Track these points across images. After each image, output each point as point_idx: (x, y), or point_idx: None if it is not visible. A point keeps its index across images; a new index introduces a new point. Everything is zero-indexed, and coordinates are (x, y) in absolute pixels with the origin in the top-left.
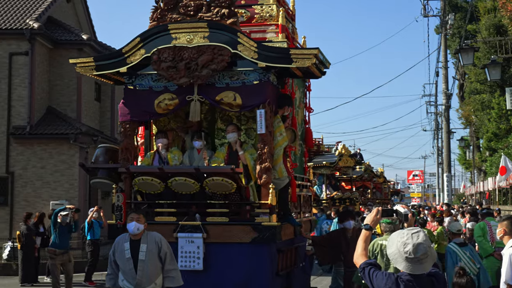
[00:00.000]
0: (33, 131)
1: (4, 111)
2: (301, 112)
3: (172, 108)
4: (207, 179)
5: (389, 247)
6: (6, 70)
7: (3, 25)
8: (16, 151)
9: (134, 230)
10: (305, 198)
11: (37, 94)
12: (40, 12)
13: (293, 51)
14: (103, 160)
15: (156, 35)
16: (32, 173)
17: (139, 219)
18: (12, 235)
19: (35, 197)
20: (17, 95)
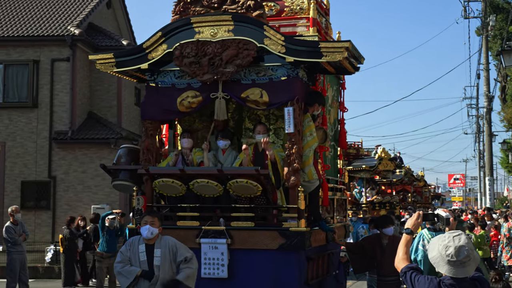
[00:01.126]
0: (74, 136)
1: (46, 116)
2: (334, 112)
3: (196, 106)
4: (230, 181)
5: (431, 251)
6: (48, 76)
7: (45, 32)
8: (58, 156)
9: (148, 234)
10: (339, 202)
11: (78, 99)
12: (81, 18)
13: (323, 44)
14: (125, 161)
15: (179, 29)
16: (74, 178)
17: (153, 223)
18: (54, 238)
19: (76, 201)
20: (59, 101)
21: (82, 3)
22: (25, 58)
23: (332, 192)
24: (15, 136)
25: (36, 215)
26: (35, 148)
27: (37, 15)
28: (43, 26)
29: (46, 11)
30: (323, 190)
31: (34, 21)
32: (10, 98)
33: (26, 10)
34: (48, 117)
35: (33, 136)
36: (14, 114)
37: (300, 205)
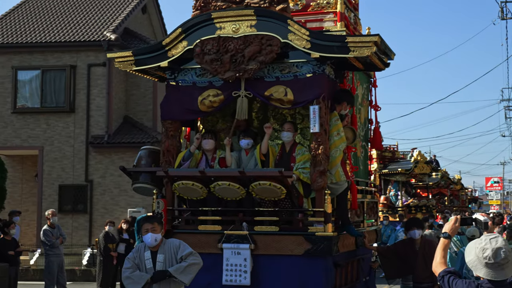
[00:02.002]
0: (110, 140)
1: (83, 121)
2: (364, 110)
3: (217, 106)
4: (253, 184)
5: (468, 255)
6: (85, 81)
7: (82, 38)
8: (95, 160)
9: (152, 242)
10: (370, 205)
11: (115, 104)
12: (117, 24)
13: (350, 38)
14: (146, 163)
15: (199, 25)
16: (110, 181)
17: (154, 229)
18: (91, 241)
19: (113, 204)
20: (96, 105)
21: (118, 8)
22: (62, 64)
23: (362, 195)
24: (52, 141)
25: (73, 218)
26: (72, 152)
27: (74, 21)
28: (79, 31)
29: (82, 16)
30: (352, 192)
31: (71, 26)
32: (48, 103)
33: (63, 16)
34: (85, 121)
35: (70, 141)
36: (51, 119)
37: (327, 208)
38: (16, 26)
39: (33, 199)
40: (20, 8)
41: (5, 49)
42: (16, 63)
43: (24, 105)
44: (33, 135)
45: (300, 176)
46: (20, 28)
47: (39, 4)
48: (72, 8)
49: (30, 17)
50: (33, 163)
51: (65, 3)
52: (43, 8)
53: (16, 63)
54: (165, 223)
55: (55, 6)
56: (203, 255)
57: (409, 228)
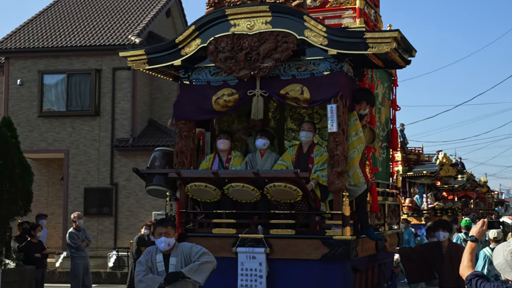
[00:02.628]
0: (135, 143)
1: (108, 124)
2: (385, 110)
3: (232, 105)
4: (267, 185)
5: (495, 258)
6: (110, 84)
7: (106, 42)
8: (120, 163)
9: (165, 246)
10: (391, 207)
11: (139, 107)
12: (141, 27)
13: (368, 34)
14: (160, 164)
15: (213, 22)
16: (135, 184)
17: (168, 233)
18: (116, 244)
19: (138, 207)
20: (120, 109)
21: (142, 12)
22: (88, 68)
23: (382, 197)
24: (78, 144)
25: (98, 221)
26: (97, 155)
27: (99, 25)
28: (104, 35)
29: (107, 21)
30: (372, 194)
31: (96, 31)
32: (73, 107)
33: (88, 20)
34: (110, 125)
35: (96, 144)
36: (77, 123)
37: (345, 211)
38: (42, 31)
39: (59, 202)
40: (46, 13)
41: (31, 54)
42: (42, 67)
43: (50, 109)
44: (59, 139)
45: (319, 180)
46: (46, 32)
47: (64, 9)
48: (97, 12)
49: (55, 22)
50: (59, 166)
51: (90, 8)
52: (68, 13)
53: (42, 67)
54: (178, 226)
55: (80, 11)
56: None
57: (435, 229)
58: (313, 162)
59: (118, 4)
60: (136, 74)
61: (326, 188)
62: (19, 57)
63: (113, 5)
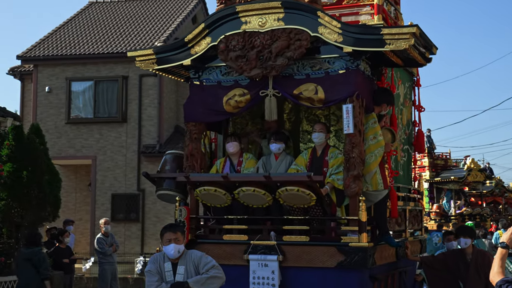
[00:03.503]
0: (162, 149)
1: (135, 130)
2: (407, 111)
3: (244, 106)
4: (279, 190)
5: None
6: (136, 91)
7: (133, 48)
8: (146, 169)
9: (175, 254)
10: (413, 213)
11: (166, 113)
12: (168, 34)
13: (385, 30)
14: (170, 168)
15: (223, 20)
16: None
17: (177, 239)
18: (143, 250)
19: (164, 213)
20: (147, 115)
21: (169, 19)
22: (115, 74)
23: (403, 202)
24: (105, 150)
25: (126, 227)
26: (124, 161)
27: (125, 32)
28: (131, 42)
29: (133, 28)
30: (391, 199)
31: (123, 38)
32: (101, 113)
33: (114, 27)
34: (137, 131)
35: (123, 150)
36: (104, 129)
37: (361, 216)
38: (70, 39)
39: (86, 208)
40: (73, 21)
41: (59, 61)
42: (70, 74)
43: (78, 116)
44: (87, 145)
45: (335, 184)
46: (73, 40)
47: (91, 17)
48: (123, 19)
49: (82, 30)
50: (86, 172)
51: (117, 15)
52: (95, 20)
53: (70, 75)
54: (187, 233)
55: (106, 18)
56: (228, 267)
57: (457, 237)
58: (328, 166)
59: (144, 11)
60: (162, 80)
61: (342, 192)
62: (47, 65)
63: (140, 12)
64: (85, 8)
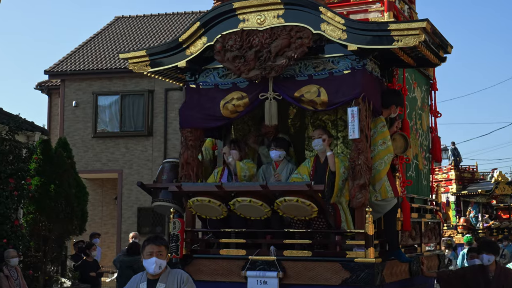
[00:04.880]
0: None
1: (161, 144)
2: (426, 117)
3: (242, 110)
4: (277, 200)
5: None
6: (162, 105)
7: None
8: None
9: (156, 269)
10: (429, 226)
11: None
12: None
13: (393, 25)
14: (167, 178)
15: (220, 18)
16: None
17: (160, 253)
18: None
19: None
20: (173, 129)
21: None
22: (141, 89)
23: (418, 214)
24: (131, 164)
25: None
26: (150, 175)
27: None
28: None
29: (159, 42)
30: (404, 211)
31: None
32: (127, 127)
33: (140, 42)
34: (163, 145)
35: (149, 164)
36: (130, 143)
37: (368, 229)
38: (96, 54)
39: (112, 221)
40: (99, 36)
41: (86, 76)
42: (97, 89)
43: (104, 130)
44: (113, 159)
45: (338, 168)
46: (100, 55)
47: (117, 32)
48: (149, 34)
49: (108, 45)
50: (112, 186)
51: (142, 30)
52: (120, 35)
53: (96, 89)
54: (181, 247)
55: (132, 33)
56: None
57: (479, 252)
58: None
59: (169, 26)
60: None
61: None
62: (74, 79)
63: (165, 27)
64: (111, 23)
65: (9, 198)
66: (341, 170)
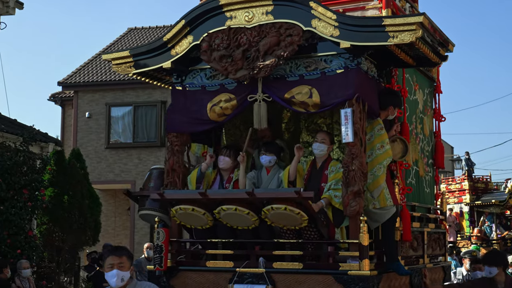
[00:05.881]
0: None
1: None
2: (429, 121)
3: (230, 113)
4: (264, 208)
5: None
6: None
7: None
8: None
9: (117, 282)
10: (433, 236)
11: None
12: None
13: (388, 21)
14: (154, 186)
15: (206, 15)
16: None
17: (122, 265)
18: None
19: None
20: None
21: None
22: (153, 100)
23: (420, 223)
24: (144, 175)
25: None
26: None
27: None
28: None
29: None
30: (403, 220)
31: None
32: (140, 138)
33: None
34: None
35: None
36: (143, 154)
37: (363, 240)
38: (109, 65)
39: (125, 232)
40: (112, 47)
41: (99, 87)
42: (110, 100)
43: (117, 141)
44: (126, 170)
45: (332, 201)
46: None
47: (130, 43)
48: None
49: None
50: (125, 197)
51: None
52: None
53: (109, 100)
54: (165, 258)
55: None
56: None
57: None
58: (327, 181)
59: None
60: None
61: (341, 211)
62: (87, 91)
63: None
64: (124, 35)
65: (23, 209)
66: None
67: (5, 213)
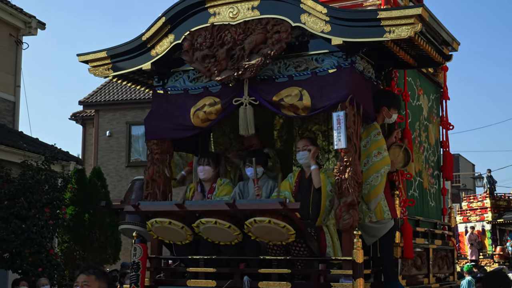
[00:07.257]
0: None
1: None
2: (434, 129)
3: (215, 118)
4: (247, 221)
5: None
6: None
7: None
8: None
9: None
10: (440, 253)
11: None
12: None
13: (383, 13)
14: (135, 198)
15: (188, 12)
16: None
17: (86, 284)
18: None
19: None
20: None
21: None
22: None
23: (425, 239)
24: None
25: None
26: None
27: None
28: None
29: None
30: (404, 235)
31: None
32: None
33: None
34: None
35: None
36: None
37: (357, 257)
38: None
39: None
40: None
41: (119, 106)
42: (130, 118)
43: (138, 159)
44: None
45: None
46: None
47: None
48: None
49: None
50: None
51: None
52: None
53: (129, 119)
54: (143, 276)
55: None
56: None
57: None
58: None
59: None
60: None
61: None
62: (108, 110)
63: None
64: None
65: (44, 227)
66: (327, 188)
67: (27, 231)
